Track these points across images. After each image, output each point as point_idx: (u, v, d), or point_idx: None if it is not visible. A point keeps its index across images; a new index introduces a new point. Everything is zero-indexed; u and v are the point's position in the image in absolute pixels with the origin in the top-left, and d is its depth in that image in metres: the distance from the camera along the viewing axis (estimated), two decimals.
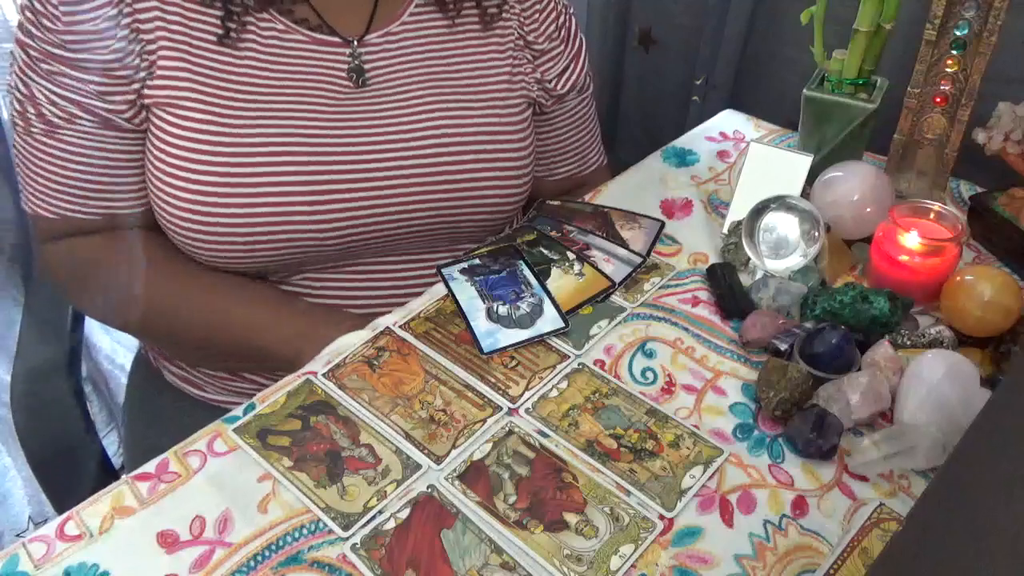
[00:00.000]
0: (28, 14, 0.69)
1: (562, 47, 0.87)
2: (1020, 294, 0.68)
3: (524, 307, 0.71)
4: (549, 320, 0.70)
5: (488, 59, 0.82)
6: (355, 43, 0.77)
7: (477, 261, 0.76)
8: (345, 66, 0.76)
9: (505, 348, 0.68)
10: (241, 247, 0.73)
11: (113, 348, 1.44)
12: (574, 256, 0.77)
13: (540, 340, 0.69)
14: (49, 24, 0.68)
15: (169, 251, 0.77)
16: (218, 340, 0.76)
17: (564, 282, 0.74)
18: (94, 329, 1.44)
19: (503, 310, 0.71)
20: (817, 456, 0.60)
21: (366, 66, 0.77)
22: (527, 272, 0.75)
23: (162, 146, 0.72)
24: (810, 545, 0.55)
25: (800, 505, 0.57)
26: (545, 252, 0.78)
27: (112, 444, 1.31)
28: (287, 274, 0.78)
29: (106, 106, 0.70)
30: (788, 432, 0.62)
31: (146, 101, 0.71)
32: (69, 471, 0.84)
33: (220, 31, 0.72)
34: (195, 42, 0.71)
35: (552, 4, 0.86)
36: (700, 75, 1.38)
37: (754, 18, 1.30)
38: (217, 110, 0.71)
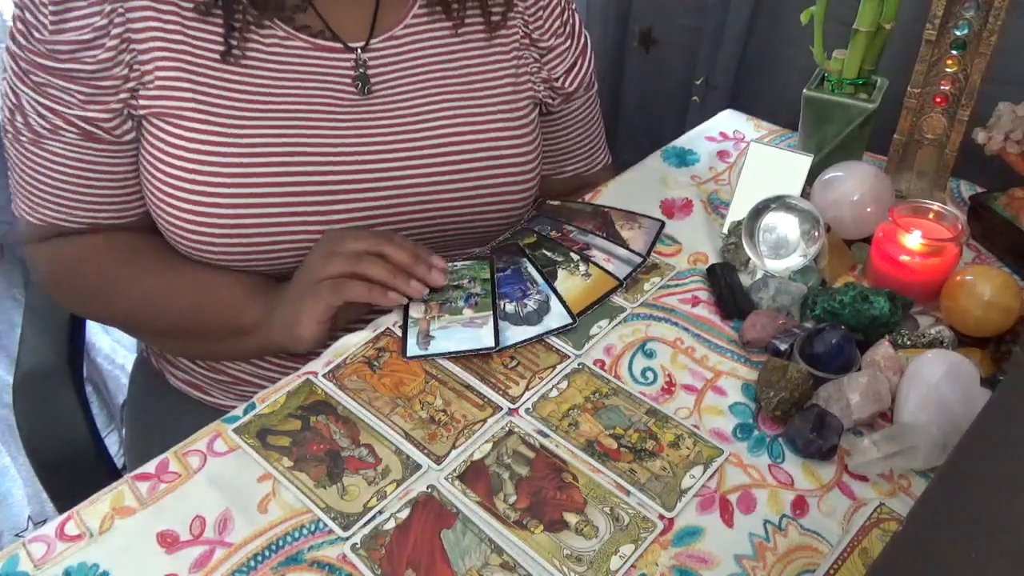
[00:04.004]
0: (19, 24, 0.68)
1: (568, 43, 0.86)
2: (1020, 294, 0.68)
3: (531, 304, 0.71)
4: (556, 316, 0.70)
5: (493, 61, 0.81)
6: (359, 50, 0.76)
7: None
8: (350, 73, 0.75)
9: (515, 345, 0.68)
10: (247, 255, 0.73)
11: (113, 348, 1.45)
12: (578, 257, 0.77)
13: (540, 339, 0.69)
14: (38, 35, 0.67)
15: (151, 243, 0.76)
16: (198, 323, 0.75)
17: (571, 283, 0.74)
18: (94, 329, 1.44)
19: (510, 307, 0.71)
20: (817, 456, 0.60)
21: (370, 72, 0.76)
22: (531, 269, 0.75)
23: (162, 156, 0.71)
24: (810, 545, 0.55)
25: (800, 505, 0.57)
26: (548, 254, 0.78)
27: (112, 444, 1.31)
28: (283, 283, 0.78)
29: (87, 115, 0.69)
30: (788, 432, 0.62)
31: (139, 111, 0.70)
32: (70, 471, 0.84)
33: (221, 43, 0.71)
34: (196, 51, 0.70)
35: (556, 1, 0.85)
36: (700, 75, 1.39)
37: (754, 18, 1.30)
38: (220, 119, 0.70)
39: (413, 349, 0.67)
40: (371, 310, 0.74)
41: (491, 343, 0.67)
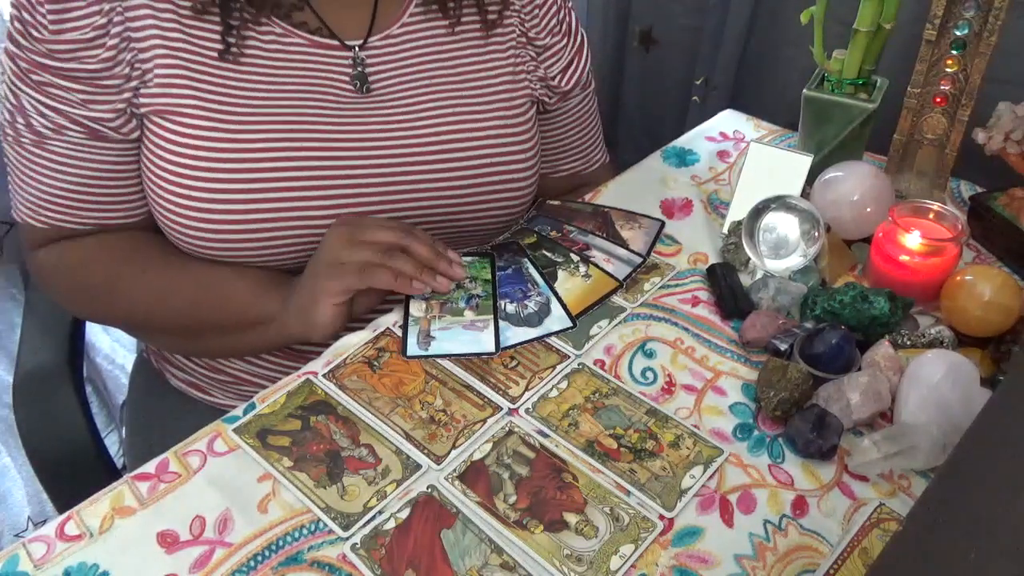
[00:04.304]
0: (17, 24, 0.68)
1: (564, 41, 0.86)
2: (1020, 294, 0.68)
3: (532, 306, 0.71)
4: (557, 319, 0.70)
5: (490, 59, 0.81)
6: (357, 48, 0.76)
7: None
8: (348, 71, 0.75)
9: (515, 346, 0.68)
10: (246, 251, 0.73)
11: (113, 348, 1.45)
12: (578, 258, 0.77)
13: (540, 340, 0.69)
14: (37, 35, 0.67)
15: (154, 242, 0.76)
16: (207, 318, 0.75)
17: (572, 284, 0.74)
18: (94, 329, 1.44)
19: (510, 308, 0.71)
20: (817, 456, 0.60)
21: (368, 71, 0.76)
22: (532, 270, 0.75)
23: (162, 154, 0.71)
24: (810, 545, 0.55)
25: (800, 505, 0.57)
26: (548, 255, 0.78)
27: (112, 444, 1.31)
28: (295, 276, 0.78)
29: (92, 115, 0.69)
30: (788, 432, 0.62)
31: (141, 109, 0.70)
32: (70, 471, 0.84)
33: (219, 40, 0.70)
34: (194, 49, 0.70)
35: None
36: (700, 75, 1.39)
37: (754, 18, 1.30)
38: (219, 117, 0.70)
39: (413, 349, 0.67)
40: (374, 309, 0.74)
41: (492, 348, 0.67)
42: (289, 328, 0.72)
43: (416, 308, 0.70)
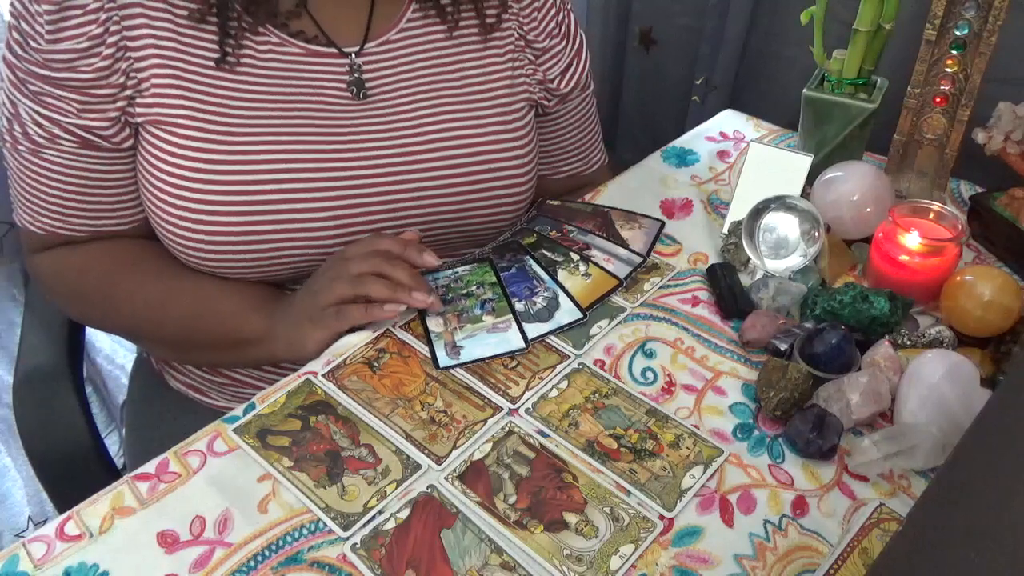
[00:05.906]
0: (15, 34, 0.68)
1: (563, 44, 0.86)
2: (1020, 294, 0.68)
3: (540, 301, 0.72)
4: (567, 312, 0.71)
5: (488, 63, 0.81)
6: (353, 55, 0.75)
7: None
8: (344, 78, 0.75)
9: (537, 339, 0.69)
10: (245, 263, 0.73)
11: (113, 348, 1.45)
12: (578, 257, 0.77)
13: (541, 339, 0.69)
14: (34, 45, 0.67)
15: (153, 252, 0.76)
16: (199, 332, 0.75)
17: (572, 283, 0.74)
18: (94, 329, 1.44)
19: (520, 306, 0.71)
20: (817, 456, 0.60)
21: (365, 77, 0.76)
22: (536, 267, 0.75)
23: (157, 163, 0.70)
24: (810, 545, 0.55)
25: (800, 505, 0.57)
26: (548, 254, 0.78)
27: (112, 444, 1.31)
28: (293, 284, 0.78)
29: (85, 123, 0.69)
30: (788, 432, 0.62)
31: (137, 119, 0.70)
32: (70, 471, 0.84)
33: (215, 50, 0.70)
34: (189, 59, 0.70)
35: (551, 1, 0.85)
36: (700, 75, 1.39)
37: (754, 18, 1.30)
38: (213, 127, 0.70)
39: (445, 360, 0.67)
40: None
41: (522, 344, 0.68)
42: (276, 353, 0.72)
43: (434, 324, 0.71)
